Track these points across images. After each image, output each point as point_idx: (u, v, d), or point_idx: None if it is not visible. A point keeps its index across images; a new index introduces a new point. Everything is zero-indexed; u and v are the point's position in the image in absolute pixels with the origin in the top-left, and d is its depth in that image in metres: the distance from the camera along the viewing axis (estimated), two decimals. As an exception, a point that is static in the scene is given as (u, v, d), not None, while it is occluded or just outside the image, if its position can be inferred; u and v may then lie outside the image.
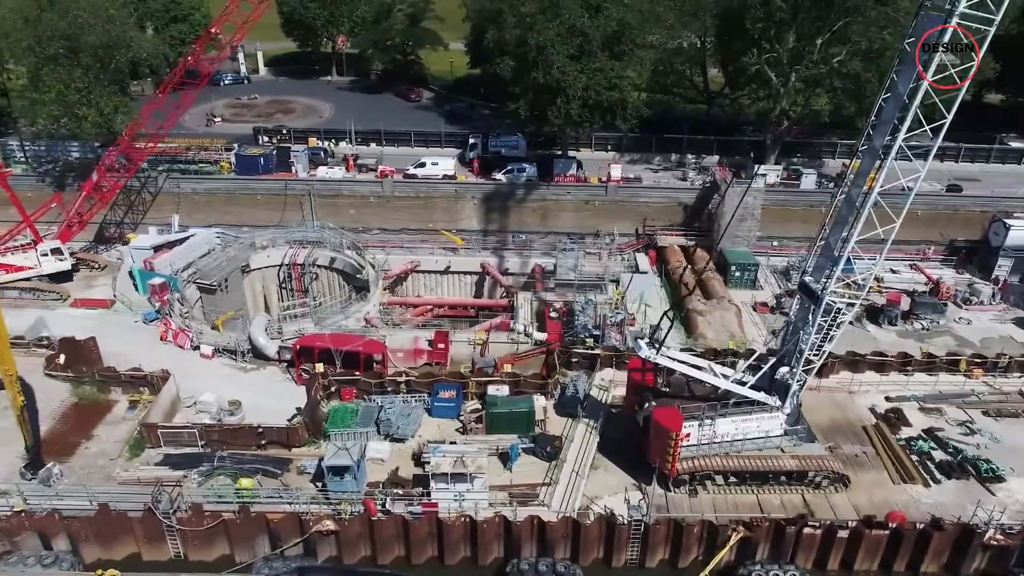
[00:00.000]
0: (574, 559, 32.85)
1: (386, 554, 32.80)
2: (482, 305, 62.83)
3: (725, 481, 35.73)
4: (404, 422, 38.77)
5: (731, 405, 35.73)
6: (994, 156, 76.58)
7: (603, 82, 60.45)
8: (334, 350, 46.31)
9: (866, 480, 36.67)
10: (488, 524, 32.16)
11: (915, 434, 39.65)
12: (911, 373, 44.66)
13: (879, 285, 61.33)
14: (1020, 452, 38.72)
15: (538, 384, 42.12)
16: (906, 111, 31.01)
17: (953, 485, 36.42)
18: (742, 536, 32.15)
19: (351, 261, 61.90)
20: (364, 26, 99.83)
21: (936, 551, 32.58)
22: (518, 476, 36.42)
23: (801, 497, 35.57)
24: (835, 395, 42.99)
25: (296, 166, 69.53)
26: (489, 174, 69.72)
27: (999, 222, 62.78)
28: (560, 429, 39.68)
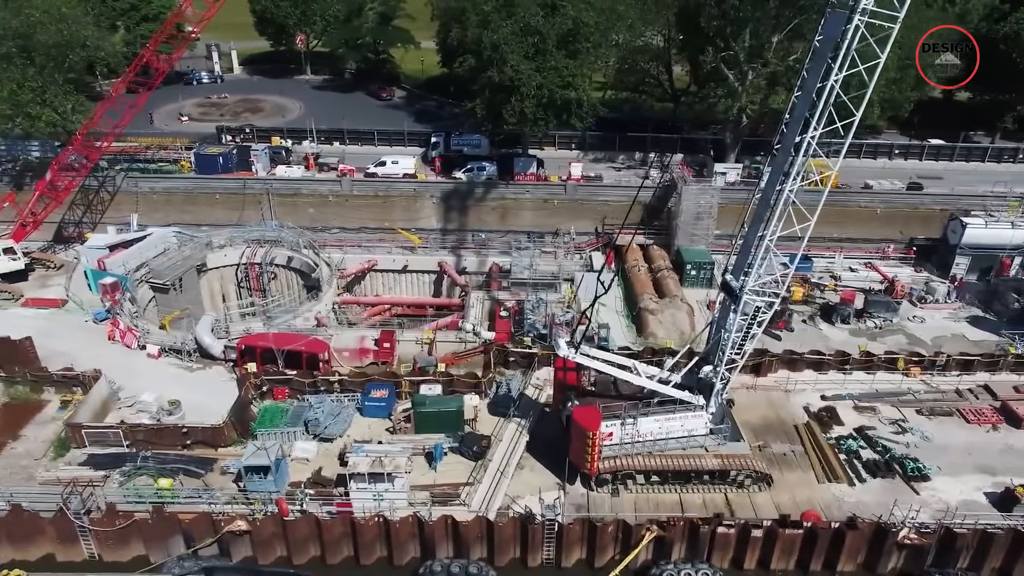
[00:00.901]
0: (490, 559, 32.74)
1: (301, 555, 32.71)
2: (437, 304, 62.76)
3: (647, 480, 35.65)
4: (332, 422, 38.67)
5: (655, 404, 35.64)
6: (958, 154, 76.34)
7: (557, 81, 60.30)
8: (276, 350, 46.27)
9: (792, 479, 36.59)
10: (402, 524, 32.08)
11: (846, 433, 39.50)
12: (849, 372, 44.53)
13: (835, 283, 61.39)
14: (950, 451, 38.66)
15: (472, 383, 41.98)
16: (815, 108, 30.50)
17: (878, 484, 36.33)
18: (656, 536, 32.04)
19: (308, 260, 61.83)
20: (335, 24, 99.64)
21: (851, 550, 32.48)
22: (443, 476, 36.34)
23: (724, 496, 35.47)
24: (771, 394, 42.92)
25: (256, 165, 69.39)
26: (451, 173, 69.65)
27: (956, 220, 62.68)
28: (491, 429, 39.54)
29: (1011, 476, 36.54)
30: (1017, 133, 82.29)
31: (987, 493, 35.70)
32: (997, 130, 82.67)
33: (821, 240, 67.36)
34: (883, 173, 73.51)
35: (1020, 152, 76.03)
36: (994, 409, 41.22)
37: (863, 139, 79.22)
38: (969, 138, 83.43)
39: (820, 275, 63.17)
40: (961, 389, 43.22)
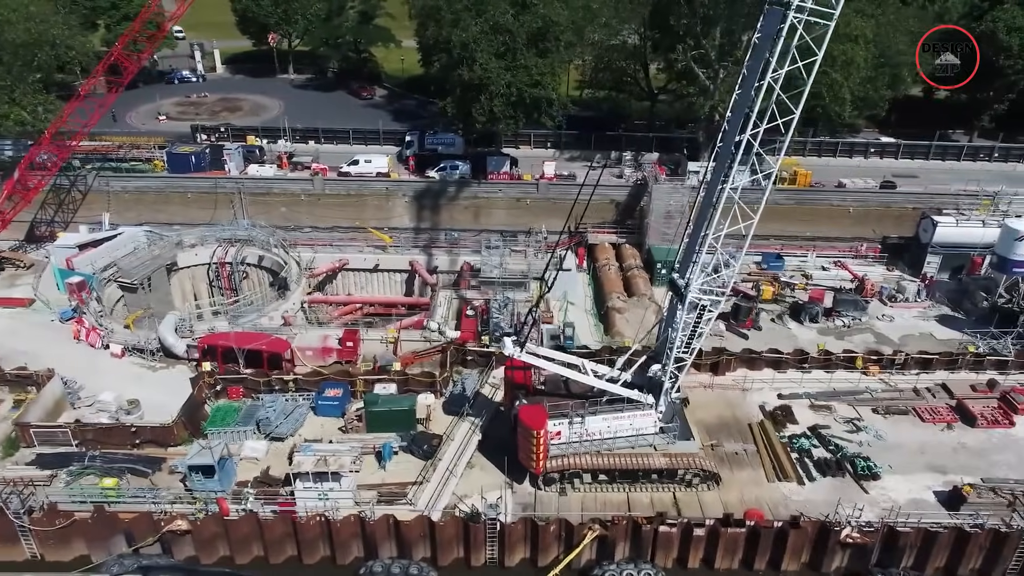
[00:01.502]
0: (434, 559, 32.65)
1: (244, 554, 32.63)
2: (408, 303, 62.72)
3: (595, 479, 35.54)
4: (284, 421, 38.56)
5: (604, 403, 35.56)
6: (934, 153, 76.22)
7: (526, 79, 60.20)
8: (236, 349, 46.19)
9: (742, 478, 36.49)
10: (343, 524, 31.98)
11: (800, 432, 39.39)
12: (808, 370, 44.42)
13: (805, 282, 61.25)
14: (903, 449, 38.58)
15: (428, 382, 41.89)
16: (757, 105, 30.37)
17: (828, 483, 36.23)
18: (598, 535, 31.94)
19: (279, 259, 61.75)
20: (316, 23, 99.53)
21: (795, 549, 32.39)
22: (393, 475, 36.25)
23: (672, 495, 35.36)
24: (728, 393, 42.82)
25: (229, 164, 69.29)
26: (425, 172, 69.55)
27: (927, 219, 62.60)
28: (445, 428, 39.44)
29: (962, 475, 36.48)
30: (994, 132, 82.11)
31: (936, 492, 35.60)
32: (975, 128, 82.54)
33: (794, 239, 67.58)
34: (859, 172, 73.38)
35: (995, 151, 75.86)
36: (950, 408, 41.12)
37: (839, 138, 79.13)
38: (947, 136, 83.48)
39: (792, 274, 63.05)
40: (919, 388, 43.10)
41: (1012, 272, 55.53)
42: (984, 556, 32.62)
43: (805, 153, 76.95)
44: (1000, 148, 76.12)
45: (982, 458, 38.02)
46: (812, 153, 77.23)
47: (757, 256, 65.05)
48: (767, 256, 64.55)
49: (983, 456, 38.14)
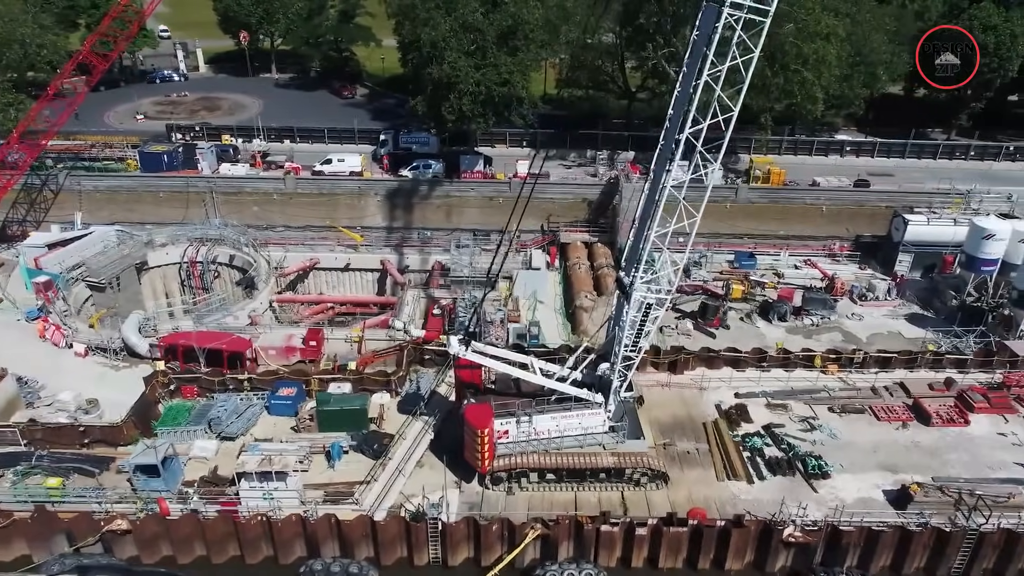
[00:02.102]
0: (377, 559, 32.53)
1: (186, 554, 32.52)
2: (377, 302, 62.63)
3: (542, 479, 35.41)
4: (235, 420, 38.44)
5: (553, 402, 35.44)
6: (910, 151, 76.07)
7: (495, 78, 60.05)
8: (197, 348, 46.09)
9: (692, 477, 36.36)
10: (285, 524, 31.87)
11: (753, 431, 39.25)
12: (767, 369, 44.27)
13: (776, 281, 61.05)
14: (855, 448, 38.45)
15: (383, 381, 41.78)
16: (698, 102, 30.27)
17: (778, 482, 36.09)
18: (539, 534, 31.82)
19: (249, 258, 61.65)
20: (297, 22, 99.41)
21: (738, 548, 32.26)
22: (342, 475, 36.10)
23: (620, 494, 35.23)
24: (685, 391, 42.68)
25: (201, 163, 69.20)
26: (399, 171, 69.45)
27: (899, 217, 62.47)
28: (399, 427, 39.31)
29: (913, 474, 36.34)
30: (972, 130, 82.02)
31: (886, 491, 35.45)
32: (953, 127, 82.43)
33: (767, 238, 67.49)
34: (835, 170, 73.25)
35: (971, 149, 75.74)
36: (906, 407, 40.97)
37: (815, 136, 79.10)
38: (926, 135, 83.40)
39: (763, 272, 62.91)
40: (877, 387, 42.94)
41: (980, 271, 55.48)
42: (929, 555, 32.50)
43: (781, 152, 76.84)
44: (976, 147, 75.97)
45: (935, 457, 37.88)
46: (788, 152, 77.10)
47: (730, 255, 65.02)
48: (740, 255, 64.41)
49: (936, 455, 38.01)
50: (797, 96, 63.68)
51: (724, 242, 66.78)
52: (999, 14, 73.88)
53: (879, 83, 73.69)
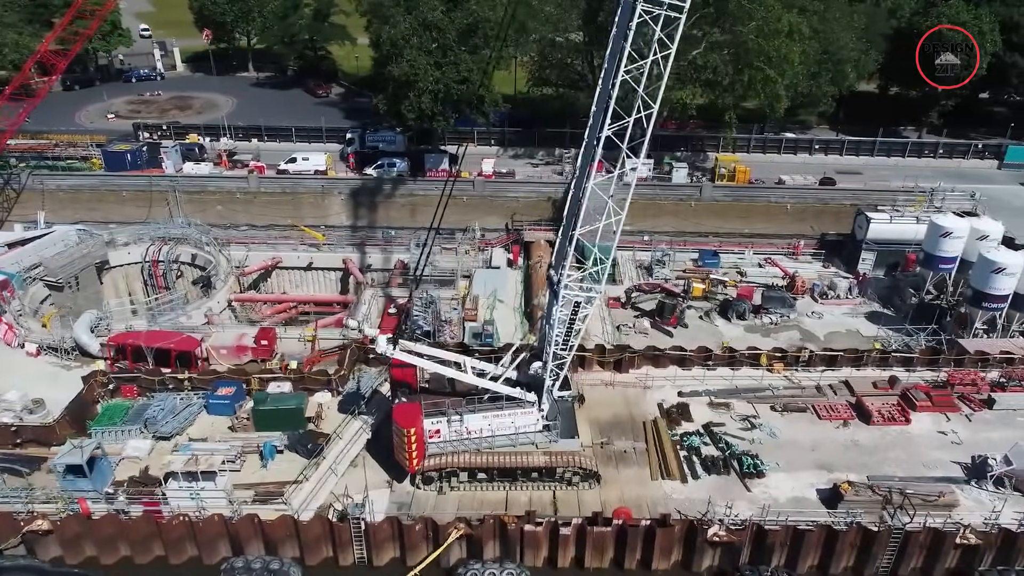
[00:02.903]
0: (303, 559, 32.38)
1: (110, 554, 32.34)
2: (337, 301, 62.42)
3: (474, 478, 35.22)
4: (170, 420, 38.25)
5: (486, 401, 35.27)
6: (879, 149, 75.88)
7: (454, 76, 59.86)
8: (145, 347, 45.94)
9: (626, 476, 36.16)
10: (206, 523, 31.70)
11: (693, 429, 39.06)
12: (713, 368, 44.06)
13: (736, 280, 60.78)
14: (794, 447, 38.25)
15: (325, 380, 41.61)
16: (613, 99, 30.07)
17: (712, 481, 35.89)
18: (462, 534, 31.63)
19: (210, 257, 61.47)
20: (272, 21, 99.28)
21: (663, 548, 32.07)
22: (274, 474, 35.89)
23: (552, 493, 35.04)
24: (629, 390, 42.46)
25: (166, 162, 69.04)
26: (363, 169, 69.31)
27: (862, 215, 62.26)
28: (337, 426, 39.12)
29: (848, 472, 36.13)
30: (943, 128, 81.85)
31: (819, 490, 35.24)
32: (924, 125, 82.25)
33: (732, 236, 67.31)
34: (804, 168, 73.12)
35: (940, 147, 75.54)
36: (848, 405, 40.78)
37: (782, 134, 78.94)
38: (898, 133, 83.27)
39: (726, 271, 62.70)
40: (822, 385, 42.74)
41: (939, 269, 55.27)
42: (856, 555, 32.30)
43: (750, 150, 76.67)
44: (944, 144, 75.77)
45: (873, 455, 37.68)
46: (757, 150, 76.90)
47: (695, 253, 64.86)
48: (704, 253, 64.21)
49: (874, 453, 37.81)
50: (760, 94, 63.48)
51: (689, 240, 66.68)
52: (968, 11, 73.65)
53: (848, 81, 73.40)
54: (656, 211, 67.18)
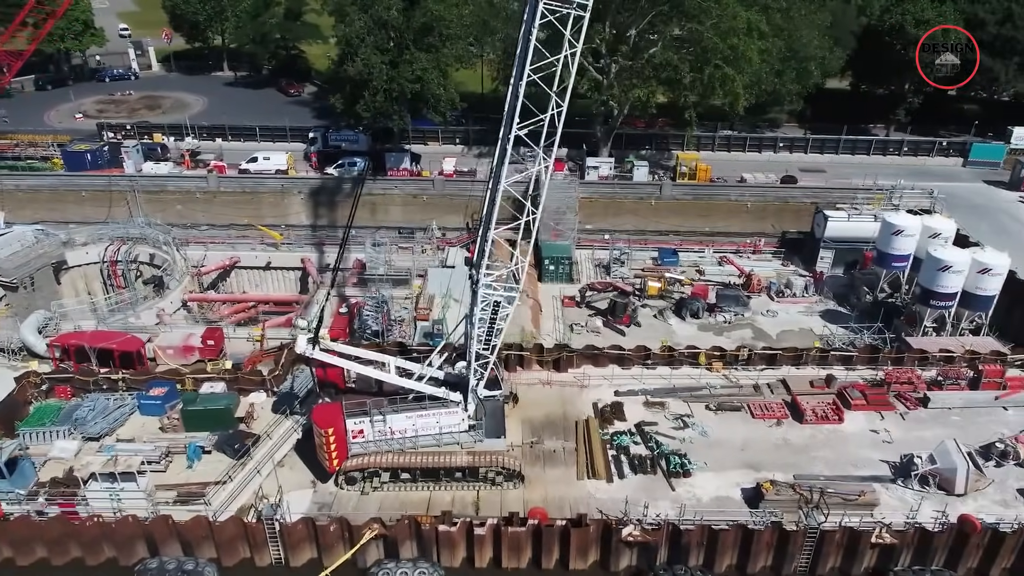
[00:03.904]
0: (220, 560, 32.29)
1: (26, 556, 32.22)
2: (294, 300, 62.28)
3: (397, 478, 35.12)
4: (100, 420, 38.17)
5: (410, 400, 35.16)
6: (843, 147, 75.68)
7: (408, 75, 59.72)
8: (88, 348, 45.88)
9: (552, 476, 36.04)
10: (119, 524, 31.61)
11: (625, 429, 38.93)
12: (652, 367, 43.93)
13: (692, 279, 60.64)
14: (725, 446, 38.12)
15: (259, 380, 41.53)
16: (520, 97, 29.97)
17: (638, 480, 35.78)
18: (376, 534, 31.54)
19: (167, 257, 61.34)
20: (245, 20, 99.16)
21: (580, 548, 31.96)
22: (201, 475, 35.82)
23: (476, 493, 34.94)
24: (566, 389, 42.32)
25: (127, 162, 68.95)
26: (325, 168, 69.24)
27: (820, 214, 62.12)
28: (268, 426, 39.05)
29: (776, 471, 36.01)
30: (911, 125, 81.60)
31: (744, 489, 35.10)
32: (892, 122, 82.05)
33: (693, 234, 67.19)
34: (768, 167, 72.93)
35: (904, 144, 75.34)
36: (783, 404, 40.65)
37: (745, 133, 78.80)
38: (867, 131, 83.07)
39: (683, 269, 62.60)
40: (760, 384, 42.61)
41: (892, 267, 55.20)
42: (773, 554, 32.18)
43: (715, 148, 76.49)
44: (910, 142, 75.57)
45: (802, 454, 37.55)
46: (722, 148, 76.69)
47: (655, 252, 64.77)
48: (663, 252, 64.10)
49: (804, 452, 37.68)
50: (719, 92, 63.25)
51: (650, 239, 66.59)
52: (932, 9, 73.41)
53: (812, 79, 73.16)
54: (616, 210, 67.09)
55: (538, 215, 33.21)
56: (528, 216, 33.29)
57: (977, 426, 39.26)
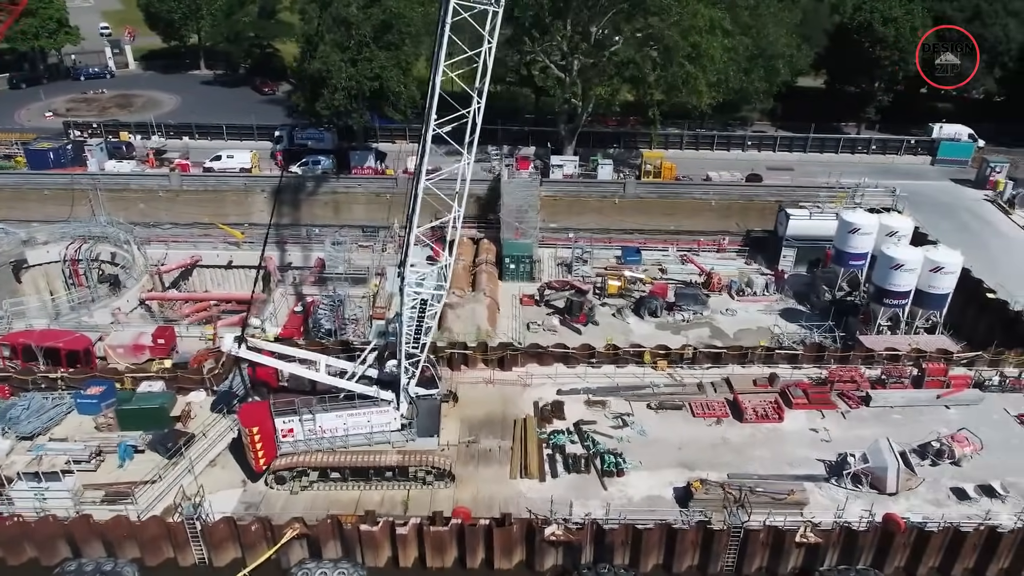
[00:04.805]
0: (143, 560, 32.07)
1: (-54, 555, 32.09)
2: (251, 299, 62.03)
3: (326, 478, 34.89)
4: (33, 419, 37.95)
5: (342, 399, 34.96)
6: (811, 145, 75.45)
7: (367, 72, 59.47)
8: (35, 347, 45.68)
9: (485, 475, 35.80)
10: (39, 524, 31.39)
11: (563, 427, 38.69)
12: (597, 365, 43.70)
13: (651, 277, 60.39)
14: (662, 445, 37.87)
15: (199, 379, 41.32)
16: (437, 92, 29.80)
17: (571, 479, 35.54)
18: (297, 534, 31.31)
19: (127, 256, 61.15)
20: (219, 18, 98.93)
21: (503, 548, 31.75)
22: (131, 474, 35.57)
23: (406, 493, 34.73)
24: (508, 388, 42.07)
25: (90, 160, 68.71)
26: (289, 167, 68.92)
27: (783, 212, 61.91)
28: (205, 425, 38.84)
29: (710, 471, 35.76)
30: (882, 123, 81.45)
31: (676, 488, 34.86)
32: (862, 121, 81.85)
33: (658, 233, 66.95)
34: (736, 165, 72.76)
35: (872, 143, 75.14)
36: (724, 403, 40.43)
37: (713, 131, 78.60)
38: (840, 129, 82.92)
39: (646, 268, 62.41)
40: (704, 382, 42.40)
41: (849, 265, 54.94)
42: (699, 553, 32.00)
43: (683, 147, 76.25)
44: (878, 140, 75.36)
45: (739, 453, 37.32)
46: (690, 146, 76.45)
47: (619, 250, 64.57)
48: (627, 250, 63.90)
49: (741, 451, 37.45)
50: (681, 90, 62.99)
51: (614, 237, 66.36)
52: (900, 6, 73.17)
53: (780, 77, 72.89)
54: (581, 208, 66.86)
55: (461, 211, 32.89)
56: (454, 213, 32.96)
57: (918, 425, 39.02)
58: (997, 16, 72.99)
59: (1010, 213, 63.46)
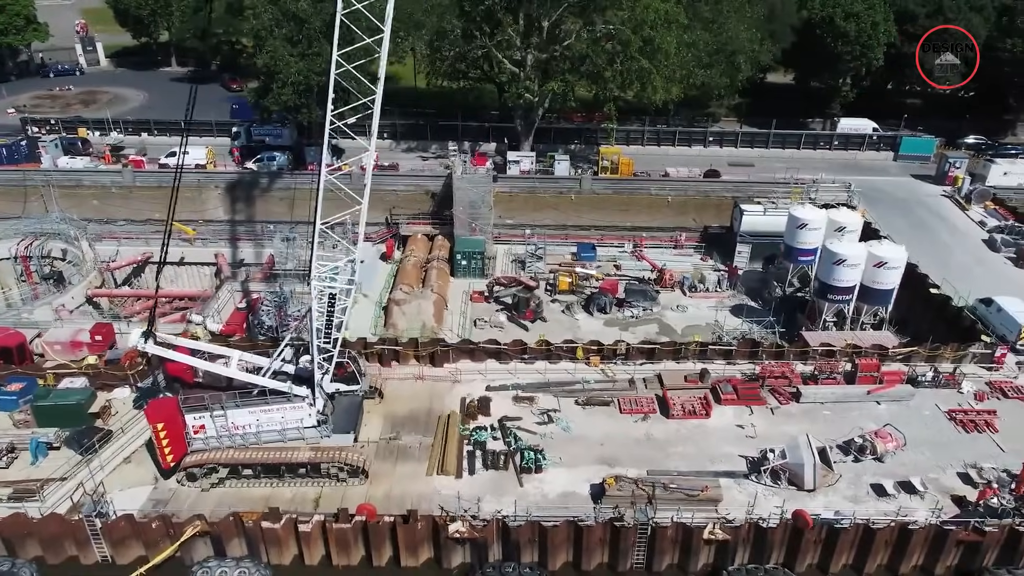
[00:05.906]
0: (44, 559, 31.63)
1: None
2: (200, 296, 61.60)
3: (238, 474, 34.43)
4: (-51, 416, 37.56)
5: (254, 396, 34.49)
6: (773, 140, 74.97)
7: (317, 68, 58.98)
8: (-36, 343, 45.25)
9: (402, 472, 35.33)
10: (-56, 523, 31.01)
11: (486, 424, 38.21)
12: (530, 361, 43.22)
13: (603, 274, 59.96)
14: (585, 441, 37.37)
15: (123, 376, 40.86)
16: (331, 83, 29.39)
17: (488, 476, 35.08)
18: (197, 532, 30.83)
19: (79, 252, 60.69)
20: (187, 15, 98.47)
21: (409, 545, 31.29)
22: (43, 471, 35.11)
23: (319, 490, 34.27)
24: (437, 384, 41.60)
25: (44, 156, 68.27)
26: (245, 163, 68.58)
27: (737, 208, 61.56)
28: (128, 421, 38.41)
29: (631, 467, 35.31)
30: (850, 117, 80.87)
31: (593, 485, 34.38)
32: (828, 116, 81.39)
33: (615, 229, 66.50)
34: (697, 161, 72.33)
35: (835, 139, 74.68)
36: (653, 399, 39.96)
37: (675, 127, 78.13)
38: (807, 125, 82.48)
39: (599, 264, 62.02)
40: (635, 378, 41.93)
41: (798, 261, 54.54)
42: (608, 550, 31.53)
43: (644, 143, 75.78)
44: (841, 136, 74.88)
45: (662, 450, 36.85)
46: (651, 142, 75.97)
47: (574, 247, 64.19)
48: (582, 247, 63.52)
49: (663, 448, 36.97)
50: (636, 85, 62.51)
51: (570, 234, 65.94)
52: (862, 2, 72.66)
53: (741, 72, 72.41)
54: (537, 204, 66.45)
55: (363, 207, 32.38)
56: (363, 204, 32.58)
57: (846, 421, 38.53)
58: (960, 11, 72.48)
59: (966, 209, 63.02)
